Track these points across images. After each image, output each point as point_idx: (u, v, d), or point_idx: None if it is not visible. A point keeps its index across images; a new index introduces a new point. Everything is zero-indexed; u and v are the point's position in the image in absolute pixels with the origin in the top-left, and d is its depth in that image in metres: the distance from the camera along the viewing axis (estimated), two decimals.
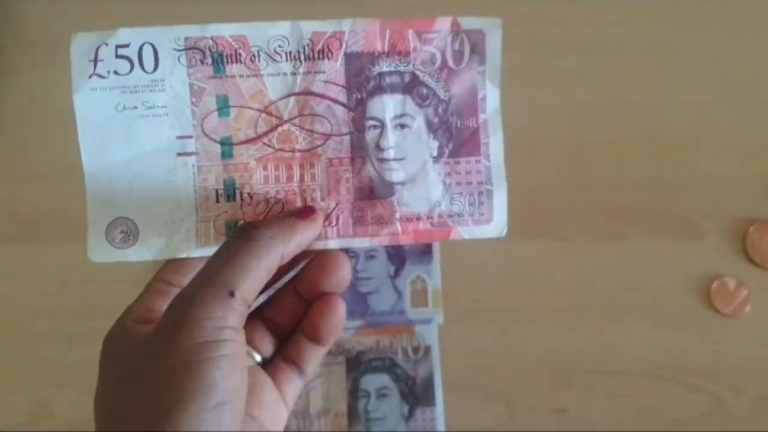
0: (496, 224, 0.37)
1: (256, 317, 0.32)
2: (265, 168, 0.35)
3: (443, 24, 0.36)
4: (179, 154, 0.35)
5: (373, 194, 0.36)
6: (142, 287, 0.49)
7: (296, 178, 0.35)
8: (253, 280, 0.27)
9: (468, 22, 0.36)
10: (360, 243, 0.35)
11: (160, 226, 0.34)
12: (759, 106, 0.52)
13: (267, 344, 0.32)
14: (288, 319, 0.32)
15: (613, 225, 0.50)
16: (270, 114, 0.35)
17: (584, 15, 0.53)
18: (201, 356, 0.25)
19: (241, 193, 0.35)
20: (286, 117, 0.35)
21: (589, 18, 0.53)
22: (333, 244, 0.35)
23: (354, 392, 0.48)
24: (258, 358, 0.31)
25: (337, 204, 0.35)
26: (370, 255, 0.50)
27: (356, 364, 0.49)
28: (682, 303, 0.49)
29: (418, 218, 0.36)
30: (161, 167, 0.35)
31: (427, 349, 0.49)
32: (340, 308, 0.31)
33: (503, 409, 0.47)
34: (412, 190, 0.36)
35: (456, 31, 0.36)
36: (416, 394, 0.48)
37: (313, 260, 0.32)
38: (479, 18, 0.36)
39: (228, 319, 0.26)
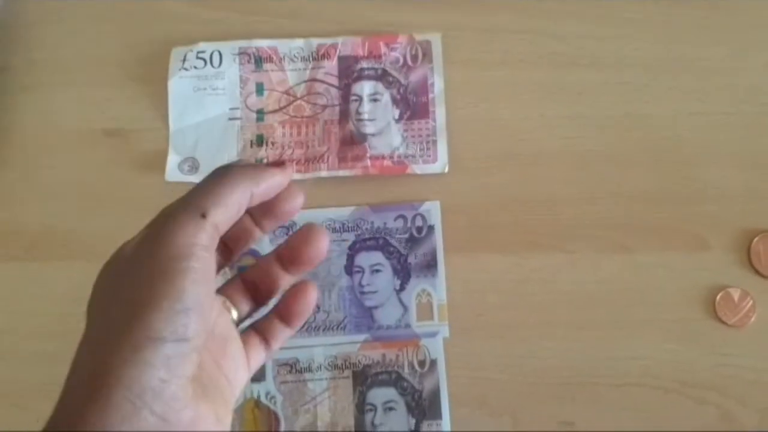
0: (439, 163, 0.52)
1: (240, 279, 0.35)
2: (283, 127, 0.53)
3: (403, 38, 0.54)
4: (230, 119, 0.54)
5: (352, 141, 0.53)
6: None
7: (303, 134, 0.53)
8: (223, 208, 0.30)
9: (419, 36, 0.54)
10: (343, 173, 0.52)
11: (213, 163, 0.45)
12: (763, 118, 0.52)
13: (244, 305, 0.35)
14: (267, 283, 0.35)
15: (618, 237, 0.50)
16: (289, 94, 0.54)
17: (586, 29, 0.53)
18: (174, 266, 0.27)
19: (267, 141, 0.53)
20: (299, 95, 0.54)
21: (591, 32, 0.53)
22: (324, 174, 0.52)
23: (361, 406, 0.49)
24: (234, 314, 0.34)
25: (328, 148, 0.52)
26: (375, 269, 0.51)
27: (363, 378, 0.49)
28: (688, 315, 0.49)
29: (383, 157, 0.52)
30: (218, 127, 0.54)
31: (433, 363, 0.49)
32: (312, 293, 0.35)
33: (509, 423, 0.48)
34: (380, 139, 0.53)
35: (411, 42, 0.54)
36: (423, 408, 0.48)
37: (296, 232, 0.35)
38: (426, 33, 0.54)
39: (198, 237, 0.28)
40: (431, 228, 0.51)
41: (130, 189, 0.53)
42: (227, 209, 0.30)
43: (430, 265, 0.50)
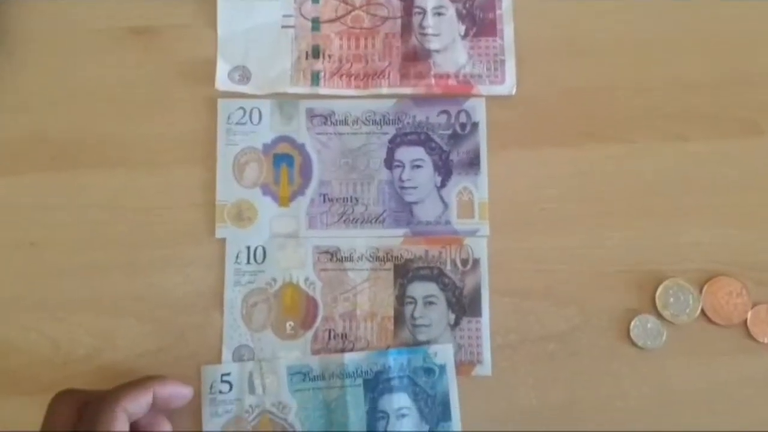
0: (507, 85, 0.50)
1: None
2: (340, 39, 0.50)
3: None
4: (283, 27, 0.50)
5: (415, 57, 0.50)
6: (189, 211, 0.47)
7: (361, 47, 0.50)
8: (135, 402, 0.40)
9: None
10: (405, 91, 0.49)
11: (266, 73, 0.49)
12: None
13: None
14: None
15: (674, 126, 0.49)
16: (347, 3, 0.51)
17: None
18: None
19: (323, 53, 0.50)
20: (357, 5, 0.51)
21: None
22: (385, 91, 0.49)
23: (401, 298, 0.47)
24: None
25: (389, 63, 0.50)
26: (416, 165, 0.49)
27: (404, 272, 0.48)
28: (746, 199, 0.48)
29: (448, 76, 0.49)
30: (270, 35, 0.50)
31: (476, 262, 0.48)
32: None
33: (576, 312, 0.47)
34: (445, 56, 0.50)
35: None
36: (463, 305, 0.47)
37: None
38: None
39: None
40: (475, 125, 0.49)
41: (162, 92, 0.50)
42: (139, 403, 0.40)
43: (472, 163, 0.49)
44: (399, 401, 0.46)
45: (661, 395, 0.46)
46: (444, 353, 0.46)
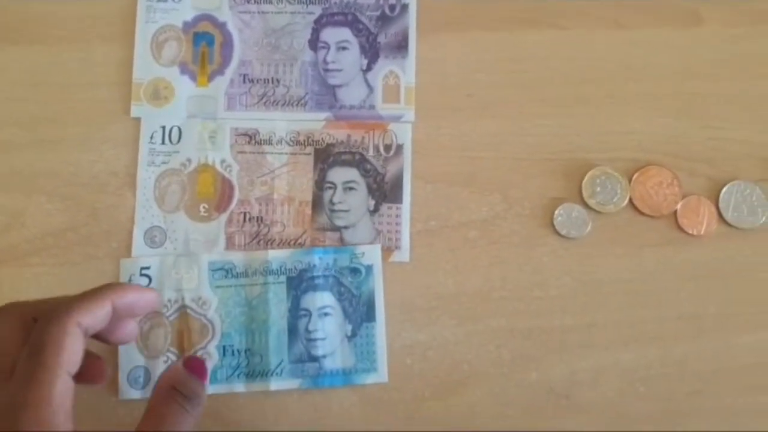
0: None
1: None
2: None
3: None
4: None
5: None
6: (105, 89, 0.46)
7: None
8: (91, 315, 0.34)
9: None
10: None
11: None
12: None
13: None
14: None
15: (610, 13, 0.47)
16: None
17: None
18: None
19: None
20: None
21: None
22: None
23: (320, 183, 0.46)
24: None
25: None
26: (341, 46, 0.47)
27: (325, 156, 0.46)
28: (682, 89, 0.47)
29: None
30: None
31: (399, 148, 0.46)
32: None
33: (500, 199, 0.46)
34: None
35: None
36: (384, 191, 0.46)
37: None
38: None
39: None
40: (405, 7, 0.47)
41: None
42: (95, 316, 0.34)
43: (400, 46, 0.47)
44: (323, 300, 0.45)
45: (583, 285, 0.45)
46: (372, 254, 0.45)
